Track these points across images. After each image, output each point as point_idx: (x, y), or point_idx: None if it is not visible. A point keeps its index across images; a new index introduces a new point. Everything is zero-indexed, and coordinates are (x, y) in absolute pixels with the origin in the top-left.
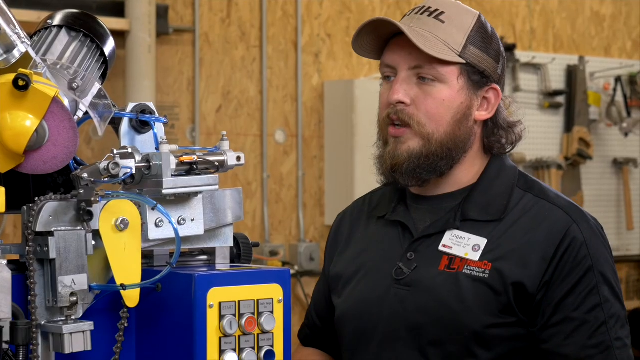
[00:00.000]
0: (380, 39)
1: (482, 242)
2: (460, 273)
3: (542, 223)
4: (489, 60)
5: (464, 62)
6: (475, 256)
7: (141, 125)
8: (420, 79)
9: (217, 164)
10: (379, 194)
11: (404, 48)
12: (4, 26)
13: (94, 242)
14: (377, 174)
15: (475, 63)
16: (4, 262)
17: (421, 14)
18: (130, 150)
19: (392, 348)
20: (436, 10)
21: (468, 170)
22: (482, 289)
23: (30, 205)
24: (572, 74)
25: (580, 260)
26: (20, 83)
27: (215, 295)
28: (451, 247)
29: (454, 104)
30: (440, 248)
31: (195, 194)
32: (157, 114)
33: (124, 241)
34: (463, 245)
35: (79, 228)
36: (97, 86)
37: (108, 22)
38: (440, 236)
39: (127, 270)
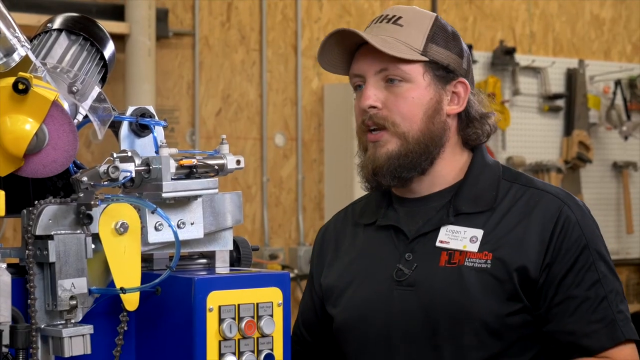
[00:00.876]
0: (346, 53)
1: (479, 233)
2: (462, 266)
3: (534, 208)
4: (452, 56)
5: (426, 59)
6: (474, 247)
7: (141, 128)
8: (388, 82)
9: (216, 167)
10: (362, 204)
11: (368, 55)
12: (4, 30)
13: (93, 246)
14: (361, 182)
15: (437, 59)
16: (4, 265)
17: (380, 22)
18: (129, 154)
19: (404, 349)
20: (394, 16)
21: (451, 167)
22: (487, 279)
23: (30, 208)
24: (572, 78)
25: (575, 239)
26: (20, 87)
27: (215, 299)
28: (448, 242)
29: (423, 100)
30: (438, 244)
31: (195, 197)
32: (156, 118)
33: (124, 245)
34: (460, 238)
35: (78, 232)
36: (96, 90)
37: (108, 26)
38: (436, 233)
39: (127, 274)
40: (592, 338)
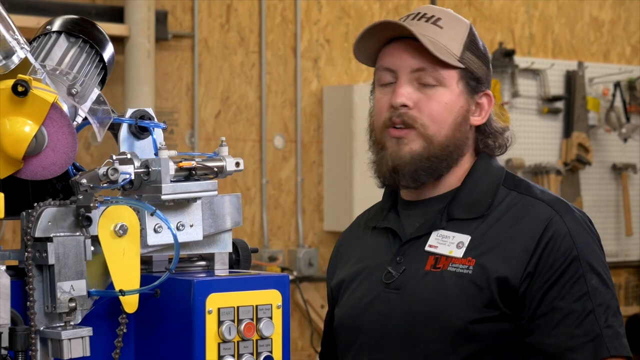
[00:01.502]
0: (378, 44)
1: (466, 239)
2: (445, 271)
3: (524, 217)
4: (483, 67)
5: (463, 66)
6: (459, 253)
7: (140, 130)
8: (421, 85)
9: (216, 169)
10: (376, 207)
11: (405, 51)
12: (3, 32)
13: (92, 248)
14: (374, 177)
15: (472, 68)
16: (3, 267)
17: (418, 19)
18: (129, 156)
19: (380, 351)
20: (433, 16)
21: (456, 174)
22: (465, 285)
23: (29, 211)
24: (571, 80)
25: (564, 250)
26: (20, 89)
27: (214, 301)
28: (437, 247)
29: (455, 107)
30: (427, 248)
31: (194, 199)
32: (156, 120)
33: (123, 247)
34: (448, 243)
35: (77, 234)
36: (96, 92)
37: (107, 28)
38: (427, 237)
39: (126, 276)
40: (576, 352)
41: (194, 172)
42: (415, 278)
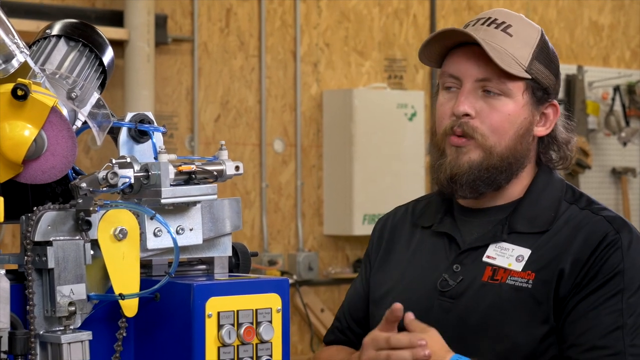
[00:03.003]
0: (443, 48)
1: (526, 252)
2: (503, 284)
3: (582, 231)
4: (550, 76)
5: (530, 77)
6: (519, 267)
7: (140, 134)
8: (486, 92)
9: (215, 173)
10: (423, 204)
11: (471, 59)
12: (3, 36)
13: (92, 252)
14: (434, 183)
15: (539, 79)
16: (3, 271)
17: (488, 25)
18: (128, 160)
19: None
20: (503, 22)
21: (517, 185)
22: (525, 300)
23: (29, 214)
24: (571, 84)
25: (612, 263)
26: (19, 93)
27: (214, 305)
28: (495, 258)
29: (518, 119)
30: (484, 259)
31: (194, 203)
32: (155, 124)
33: (123, 251)
34: (507, 256)
35: (77, 238)
36: (95, 96)
37: (107, 32)
38: (486, 248)
39: (126, 280)
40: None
41: (193, 176)
42: (472, 289)
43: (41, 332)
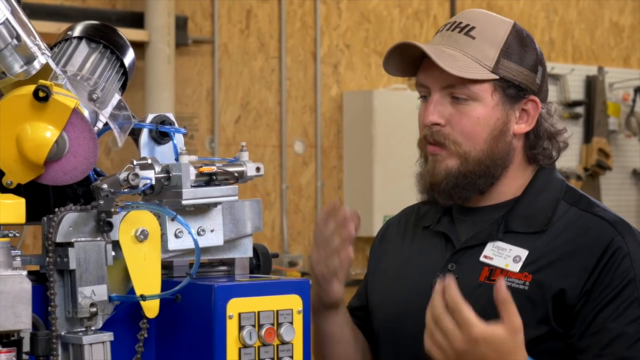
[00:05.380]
0: (411, 59)
1: (523, 253)
2: None
3: (585, 234)
4: (524, 72)
5: (497, 77)
6: (516, 267)
7: (161, 136)
8: (454, 98)
9: (236, 174)
10: (426, 206)
11: (435, 68)
12: (25, 38)
13: (113, 253)
14: (417, 192)
15: (509, 77)
16: (24, 273)
17: (452, 30)
18: (149, 161)
19: (428, 358)
20: (467, 25)
21: (511, 184)
22: (520, 301)
23: (51, 216)
24: (591, 85)
25: (622, 271)
26: (41, 94)
27: (235, 306)
28: (492, 258)
29: (489, 121)
30: (481, 259)
31: (215, 204)
32: (176, 125)
33: (144, 252)
34: (504, 256)
35: (98, 239)
36: (116, 97)
37: (127, 33)
38: (482, 247)
39: (147, 281)
40: None
41: (214, 177)
42: (468, 288)
43: (63, 333)
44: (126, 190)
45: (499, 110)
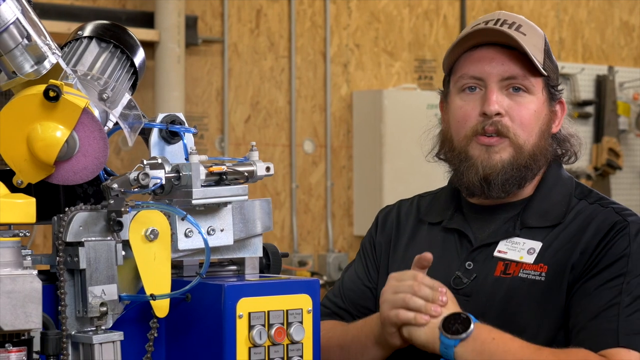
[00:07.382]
0: (462, 50)
1: (537, 245)
2: (516, 277)
3: (591, 222)
4: (557, 73)
5: (546, 74)
6: (530, 259)
7: (171, 135)
8: (512, 90)
9: (246, 174)
10: (428, 199)
11: (494, 59)
12: (35, 37)
13: (123, 253)
14: (459, 185)
15: (552, 76)
16: (35, 272)
17: (500, 25)
18: (159, 161)
19: None
20: (513, 22)
21: (531, 182)
22: (539, 292)
23: (61, 215)
24: (602, 84)
25: (617, 247)
26: (51, 94)
27: (245, 306)
28: (506, 252)
29: (541, 115)
30: (496, 254)
31: (225, 204)
32: (186, 125)
33: (154, 251)
34: (518, 249)
35: (109, 238)
36: (127, 97)
37: (137, 33)
38: (497, 244)
39: (157, 281)
40: (584, 332)
41: (224, 176)
42: (486, 284)
43: (73, 333)
44: (136, 189)
45: (546, 107)
